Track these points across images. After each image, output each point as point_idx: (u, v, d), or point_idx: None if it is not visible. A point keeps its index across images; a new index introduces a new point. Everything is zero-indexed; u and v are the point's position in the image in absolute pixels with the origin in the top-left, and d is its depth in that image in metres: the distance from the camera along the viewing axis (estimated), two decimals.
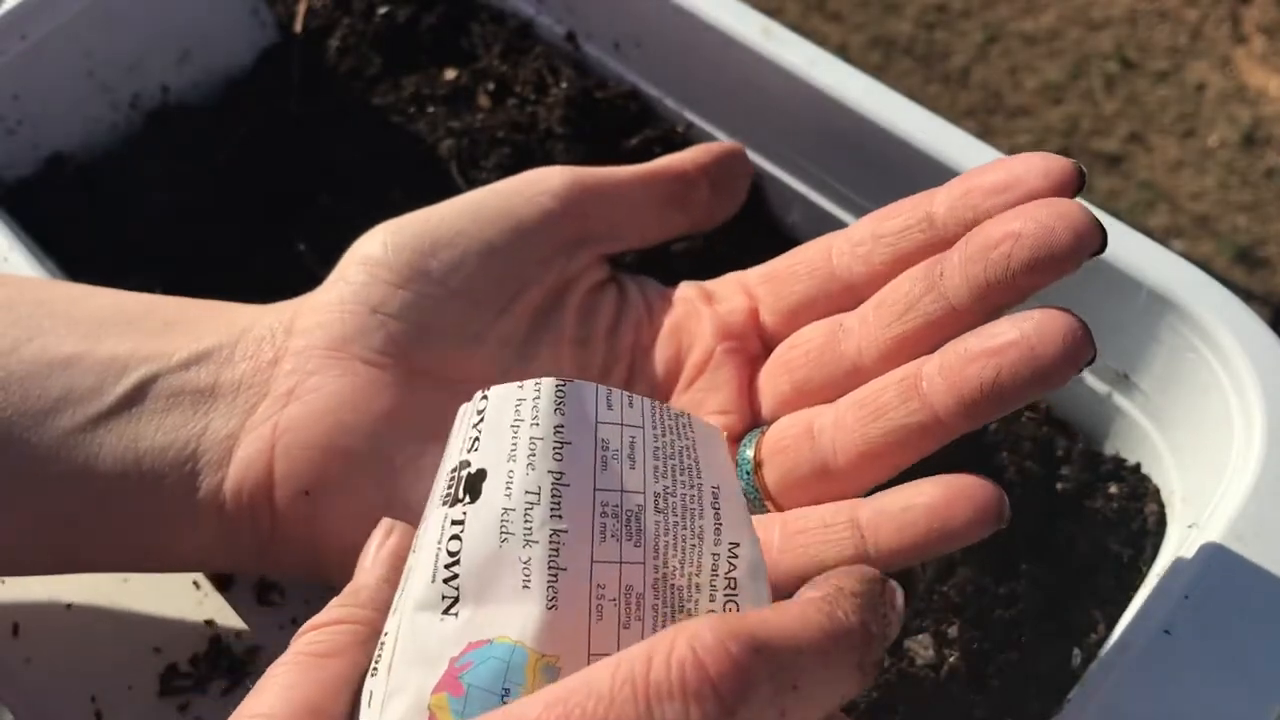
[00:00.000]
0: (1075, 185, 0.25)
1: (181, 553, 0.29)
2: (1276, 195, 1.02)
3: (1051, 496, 0.35)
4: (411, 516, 0.25)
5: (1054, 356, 0.23)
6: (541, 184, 0.32)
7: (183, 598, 0.32)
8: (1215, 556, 0.28)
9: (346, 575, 0.26)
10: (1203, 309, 0.32)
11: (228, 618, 0.32)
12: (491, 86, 0.45)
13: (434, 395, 0.29)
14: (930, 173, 0.35)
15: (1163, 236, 1.01)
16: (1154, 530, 0.34)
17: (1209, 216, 1.01)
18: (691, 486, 0.23)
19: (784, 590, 0.24)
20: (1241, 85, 1.09)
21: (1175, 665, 0.26)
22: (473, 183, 0.42)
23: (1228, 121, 1.07)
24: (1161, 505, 0.35)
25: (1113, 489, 0.35)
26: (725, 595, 0.22)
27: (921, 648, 0.32)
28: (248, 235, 0.43)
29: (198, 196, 0.43)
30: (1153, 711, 0.26)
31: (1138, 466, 0.36)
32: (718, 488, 0.23)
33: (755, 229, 0.41)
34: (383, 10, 0.47)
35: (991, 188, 0.26)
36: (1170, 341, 0.33)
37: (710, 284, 0.33)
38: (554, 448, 0.22)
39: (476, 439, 0.22)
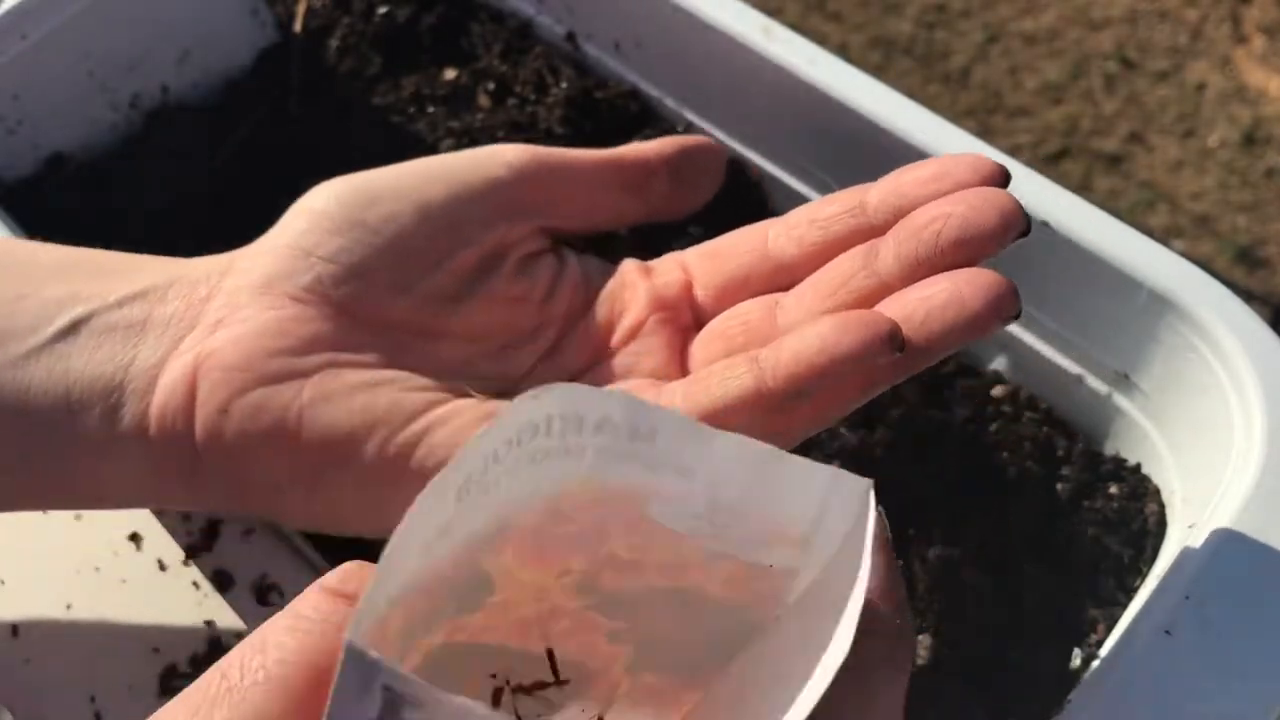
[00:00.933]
0: (1000, 182, 0.27)
1: (108, 486, 0.29)
2: (1276, 195, 1.02)
3: (1051, 496, 0.35)
4: (317, 439, 0.27)
5: (979, 305, 0.25)
6: (498, 155, 0.33)
7: (183, 598, 0.32)
8: (1215, 557, 0.28)
9: (269, 508, 0.29)
10: (1203, 309, 0.32)
11: (227, 618, 0.32)
12: (491, 86, 0.45)
13: (356, 333, 0.30)
14: None
15: (1163, 236, 1.01)
16: (1154, 530, 0.34)
17: (1209, 216, 1.01)
18: None
19: None
20: (1241, 85, 1.09)
21: (1175, 665, 0.26)
22: None
23: (1228, 121, 1.07)
24: (1161, 505, 0.35)
25: (1113, 489, 0.35)
26: None
27: (921, 648, 0.32)
28: (248, 235, 0.43)
29: (197, 196, 0.43)
30: (1153, 711, 0.26)
31: (1138, 466, 0.36)
32: None
33: None
34: (383, 10, 0.47)
35: (922, 179, 0.28)
36: (1170, 341, 0.33)
37: (650, 261, 0.34)
38: None
39: None
